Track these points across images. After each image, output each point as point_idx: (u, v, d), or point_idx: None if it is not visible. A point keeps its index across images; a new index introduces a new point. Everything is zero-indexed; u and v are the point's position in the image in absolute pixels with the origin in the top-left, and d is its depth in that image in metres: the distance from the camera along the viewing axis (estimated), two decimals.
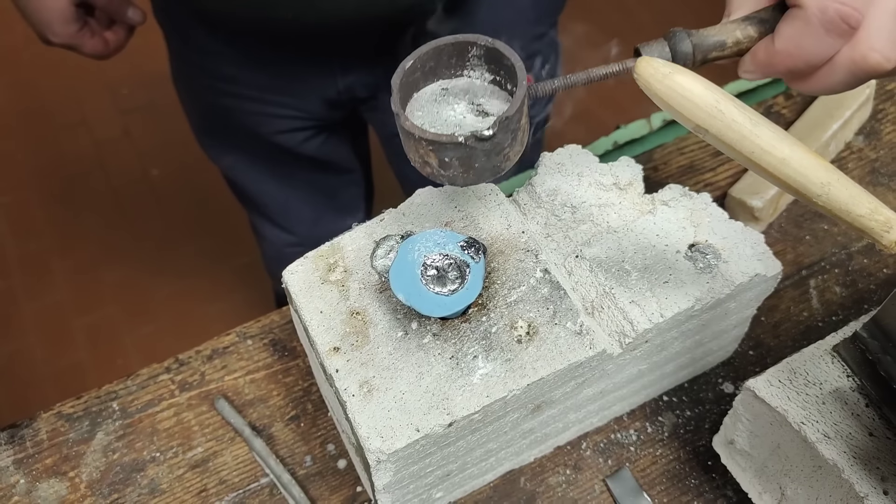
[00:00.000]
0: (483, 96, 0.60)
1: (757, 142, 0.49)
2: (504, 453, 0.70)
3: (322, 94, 1.10)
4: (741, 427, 0.66)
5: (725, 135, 0.49)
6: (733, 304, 0.69)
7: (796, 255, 0.91)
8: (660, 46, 0.57)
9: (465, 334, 0.62)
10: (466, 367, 0.60)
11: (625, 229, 0.68)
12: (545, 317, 0.63)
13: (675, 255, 0.67)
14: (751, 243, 0.68)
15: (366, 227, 0.68)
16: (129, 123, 2.53)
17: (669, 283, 0.65)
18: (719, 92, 0.49)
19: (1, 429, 0.77)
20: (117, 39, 1.06)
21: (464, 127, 0.59)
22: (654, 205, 0.71)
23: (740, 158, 0.50)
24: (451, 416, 0.58)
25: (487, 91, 0.60)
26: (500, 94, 0.60)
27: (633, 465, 0.76)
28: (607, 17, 2.65)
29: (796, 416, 0.59)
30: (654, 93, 0.50)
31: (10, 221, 2.30)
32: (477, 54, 0.59)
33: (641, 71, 0.50)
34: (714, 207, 0.70)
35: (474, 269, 0.61)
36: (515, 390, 0.59)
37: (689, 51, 0.56)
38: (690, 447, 0.77)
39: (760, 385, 0.61)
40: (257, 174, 1.27)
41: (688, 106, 0.49)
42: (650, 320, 0.63)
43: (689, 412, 0.79)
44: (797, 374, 0.62)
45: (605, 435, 0.78)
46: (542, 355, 0.61)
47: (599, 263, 0.66)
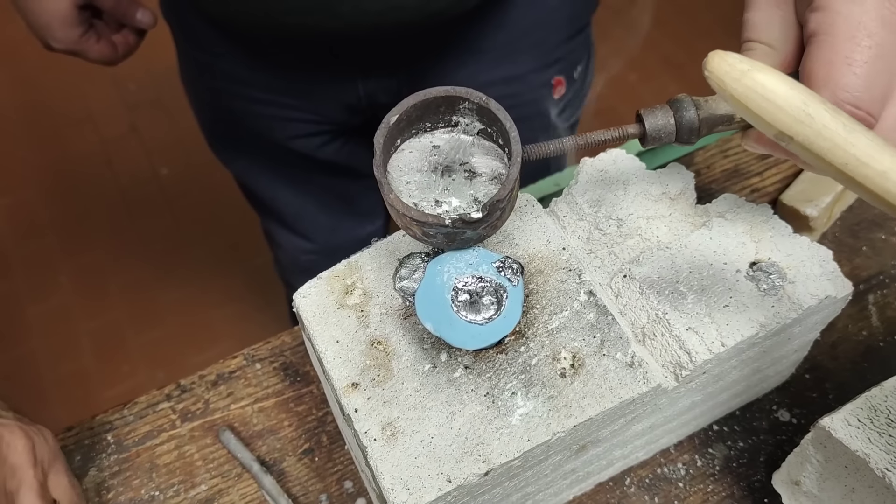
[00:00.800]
0: (472, 155, 0.54)
1: (852, 151, 0.41)
2: (542, 495, 0.63)
3: (342, 99, 1.03)
4: (810, 468, 0.59)
5: (815, 143, 0.41)
6: (798, 328, 0.62)
7: (852, 268, 0.83)
8: (663, 112, 0.52)
9: (502, 367, 0.54)
10: (504, 406, 0.53)
11: (678, 245, 0.61)
12: (592, 346, 0.55)
13: (734, 274, 0.59)
14: (819, 261, 0.60)
15: (387, 244, 0.61)
16: (137, 120, 2.47)
17: (730, 308, 0.57)
18: (807, 93, 0.42)
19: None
20: (126, 44, 0.99)
21: (451, 194, 0.54)
22: (709, 217, 0.63)
23: (830, 171, 0.43)
24: (487, 463, 0.51)
25: (476, 145, 0.54)
26: (489, 149, 0.54)
27: (682, 503, 0.69)
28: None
29: (880, 462, 0.52)
30: (729, 94, 0.42)
31: (12, 222, 2.23)
32: (469, 108, 0.53)
33: (714, 68, 0.42)
34: (776, 220, 0.63)
35: (512, 294, 0.54)
36: (560, 433, 0.52)
37: (694, 119, 0.51)
38: (745, 483, 0.70)
39: (837, 425, 0.54)
40: (270, 179, 1.21)
41: (770, 109, 0.41)
42: (710, 350, 0.56)
43: (741, 443, 0.72)
44: (878, 411, 0.54)
45: (650, 469, 0.70)
46: (590, 391, 0.53)
47: (651, 284, 0.58)
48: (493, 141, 0.53)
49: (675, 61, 2.50)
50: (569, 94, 1.09)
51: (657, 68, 2.49)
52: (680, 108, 0.52)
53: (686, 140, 0.53)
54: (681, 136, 0.52)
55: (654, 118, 0.52)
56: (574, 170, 0.90)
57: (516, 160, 0.50)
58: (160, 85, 2.45)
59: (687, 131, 0.52)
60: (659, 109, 0.52)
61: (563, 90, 1.08)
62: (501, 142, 0.53)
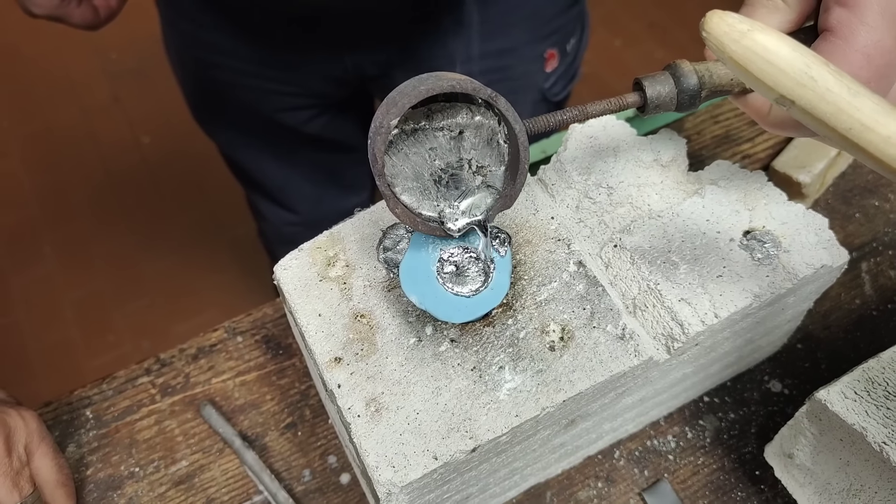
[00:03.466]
0: (472, 148, 0.49)
1: (857, 115, 0.39)
2: (530, 469, 0.61)
3: (329, 72, 1.01)
4: (804, 442, 0.57)
5: (817, 107, 0.40)
6: (792, 298, 0.60)
7: (846, 235, 0.81)
8: (664, 79, 0.50)
9: (489, 340, 0.53)
10: (491, 381, 0.51)
11: (669, 213, 0.59)
12: (581, 319, 0.54)
13: (728, 243, 0.57)
14: (815, 229, 0.59)
15: (370, 214, 0.59)
16: (119, 89, 2.42)
17: (724, 278, 0.56)
18: (810, 55, 0.40)
19: None
20: (108, 7, 0.95)
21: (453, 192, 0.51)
22: (702, 184, 0.62)
23: (833, 136, 0.41)
24: (474, 440, 0.49)
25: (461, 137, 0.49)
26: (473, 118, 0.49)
27: (672, 475, 0.68)
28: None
29: (877, 436, 0.51)
30: (728, 56, 0.40)
31: None
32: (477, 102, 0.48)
33: (712, 28, 0.40)
34: (770, 188, 0.61)
35: (500, 265, 0.52)
36: (549, 408, 0.50)
37: (696, 85, 0.49)
38: (735, 454, 0.69)
39: (834, 398, 0.52)
40: (256, 151, 1.18)
41: (771, 72, 0.39)
42: (703, 321, 0.54)
43: (732, 414, 0.71)
44: (876, 384, 0.53)
45: (640, 442, 0.69)
46: (580, 365, 0.52)
47: (642, 254, 0.57)
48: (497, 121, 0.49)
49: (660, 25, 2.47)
50: (561, 68, 1.07)
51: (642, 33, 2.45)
52: (680, 74, 0.50)
53: (687, 107, 0.51)
54: (682, 103, 0.50)
55: (654, 86, 0.50)
56: (562, 136, 0.88)
57: (524, 169, 0.48)
58: (142, 54, 2.40)
59: (688, 98, 0.50)
60: (659, 76, 0.50)
61: (556, 63, 1.06)
62: (502, 124, 0.49)
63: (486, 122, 0.48)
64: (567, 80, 1.11)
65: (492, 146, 0.49)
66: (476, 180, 0.50)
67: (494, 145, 0.49)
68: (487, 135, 0.48)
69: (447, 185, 0.50)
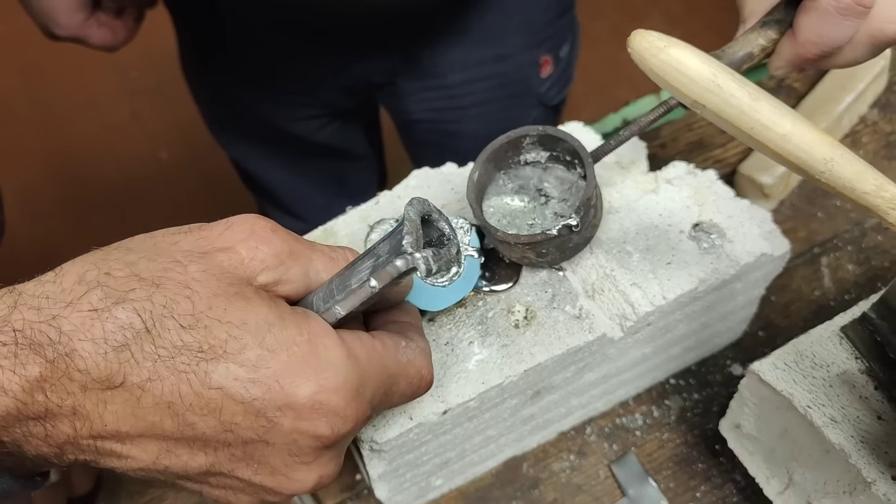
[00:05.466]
0: (542, 180, 0.63)
1: (756, 117, 0.46)
2: (505, 440, 0.68)
3: (338, 81, 1.08)
4: (747, 411, 0.64)
5: (724, 110, 0.47)
6: (739, 284, 0.67)
7: (808, 233, 0.88)
8: None
9: (461, 320, 0.60)
10: (462, 354, 0.58)
11: (627, 209, 0.66)
12: (543, 301, 0.61)
13: (678, 235, 0.64)
14: (757, 222, 0.66)
15: (359, 211, 0.66)
16: (138, 106, 2.52)
17: (672, 265, 0.63)
18: (717, 65, 0.47)
19: None
20: (126, 28, 1.03)
21: (538, 217, 0.62)
22: (658, 183, 0.68)
23: (739, 135, 0.48)
24: (445, 403, 0.56)
25: (548, 170, 0.63)
26: (559, 168, 0.62)
27: (639, 449, 0.74)
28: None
29: (802, 400, 0.57)
30: (648, 67, 0.47)
31: (20, 205, 2.29)
32: (531, 142, 0.61)
33: (635, 45, 0.47)
34: (719, 185, 0.68)
35: (469, 259, 0.59)
36: (512, 377, 0.57)
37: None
38: (698, 431, 0.75)
39: (765, 368, 0.59)
40: (268, 162, 1.25)
41: (684, 81, 0.47)
42: (652, 303, 0.61)
43: (696, 395, 0.77)
44: (804, 356, 0.60)
45: (610, 420, 0.76)
46: (540, 340, 0.59)
47: (600, 244, 0.64)
48: (561, 161, 0.61)
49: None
50: (556, 73, 1.14)
51: None
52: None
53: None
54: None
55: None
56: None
57: (589, 161, 0.57)
58: (161, 73, 2.49)
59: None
60: None
61: (551, 69, 1.12)
62: (569, 158, 0.60)
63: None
64: (562, 85, 1.18)
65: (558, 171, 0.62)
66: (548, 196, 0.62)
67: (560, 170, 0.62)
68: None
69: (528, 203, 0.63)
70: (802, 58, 0.55)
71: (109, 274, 0.41)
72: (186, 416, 0.40)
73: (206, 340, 0.40)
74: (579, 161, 0.59)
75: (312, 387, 0.41)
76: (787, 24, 0.55)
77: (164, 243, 0.44)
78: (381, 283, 0.43)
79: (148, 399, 0.39)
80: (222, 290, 0.41)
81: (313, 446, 0.42)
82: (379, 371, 0.45)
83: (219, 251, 0.43)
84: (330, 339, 0.42)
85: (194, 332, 0.40)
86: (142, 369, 0.39)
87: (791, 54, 0.55)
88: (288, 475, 0.44)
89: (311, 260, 0.46)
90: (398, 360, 0.47)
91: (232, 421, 0.41)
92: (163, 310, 0.40)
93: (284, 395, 0.40)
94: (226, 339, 0.40)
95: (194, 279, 0.41)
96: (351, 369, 0.42)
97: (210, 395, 0.40)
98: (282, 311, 0.42)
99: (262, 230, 0.45)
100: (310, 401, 0.41)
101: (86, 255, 0.43)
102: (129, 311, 0.39)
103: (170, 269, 0.41)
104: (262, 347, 0.41)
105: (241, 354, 0.40)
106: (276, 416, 0.41)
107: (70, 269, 0.41)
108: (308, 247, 0.47)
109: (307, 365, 0.41)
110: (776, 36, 0.55)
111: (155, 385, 0.39)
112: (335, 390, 0.41)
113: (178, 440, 0.41)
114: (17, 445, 0.40)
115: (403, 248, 0.42)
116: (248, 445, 0.42)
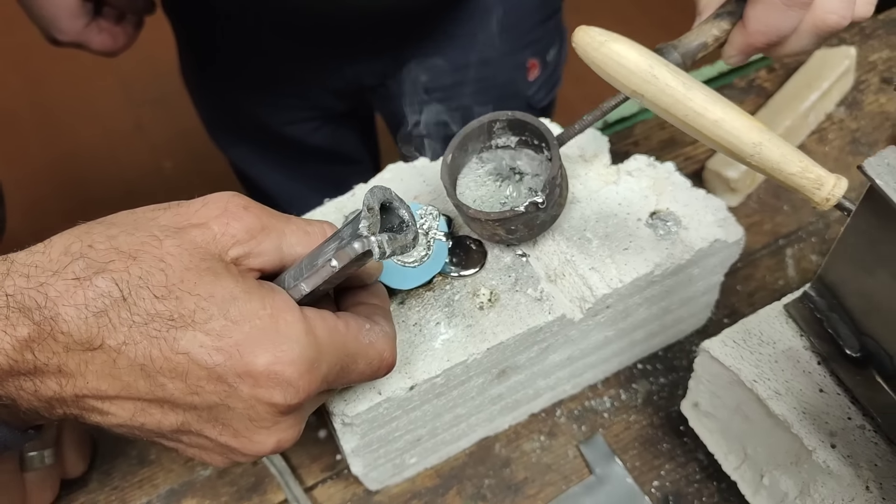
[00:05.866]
0: (515, 160, 0.67)
1: (690, 105, 0.50)
2: (475, 419, 0.72)
3: (330, 83, 1.12)
4: (702, 388, 0.68)
5: (660, 99, 0.51)
6: (696, 270, 0.70)
7: (774, 225, 0.92)
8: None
9: (429, 302, 0.64)
10: (429, 334, 0.62)
11: (588, 199, 0.70)
12: (507, 284, 0.65)
13: (636, 222, 0.68)
14: (712, 210, 0.69)
15: (336, 203, 0.70)
16: (142, 116, 2.57)
17: (629, 250, 0.66)
18: (654, 58, 0.51)
19: None
20: (126, 34, 1.06)
21: (512, 194, 0.66)
22: (619, 175, 0.72)
23: (676, 122, 0.52)
24: (412, 379, 0.60)
25: (518, 153, 0.67)
26: (528, 152, 0.67)
27: (607, 430, 0.78)
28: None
29: (748, 375, 0.61)
30: (591, 60, 0.51)
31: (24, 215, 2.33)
32: (501, 126, 0.65)
33: (579, 40, 0.51)
34: (677, 176, 0.72)
35: (438, 242, 0.63)
36: (476, 354, 0.61)
37: (679, 60, 0.60)
38: (663, 413, 0.79)
39: (715, 345, 0.63)
40: (266, 165, 1.29)
41: (623, 72, 0.51)
42: (609, 285, 0.65)
43: (662, 379, 0.81)
44: (751, 334, 0.63)
45: (579, 402, 0.79)
46: (503, 321, 0.63)
47: (562, 232, 0.68)
48: (530, 146, 0.66)
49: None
50: (543, 76, 1.17)
51: None
52: (665, 54, 0.61)
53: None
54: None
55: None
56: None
57: (555, 143, 0.61)
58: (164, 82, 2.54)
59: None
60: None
61: (538, 72, 1.16)
62: (536, 142, 0.65)
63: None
64: (549, 88, 1.22)
65: (528, 155, 0.67)
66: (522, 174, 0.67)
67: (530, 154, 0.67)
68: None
69: (500, 183, 0.67)
70: (752, 46, 0.60)
71: (92, 246, 0.45)
72: (157, 377, 0.44)
73: (177, 310, 0.44)
74: (546, 144, 0.63)
75: (269, 357, 0.45)
76: (739, 15, 0.60)
77: (144, 219, 0.48)
78: (340, 263, 0.47)
79: (123, 360, 0.43)
80: (194, 265, 0.45)
81: (270, 412, 0.47)
82: (337, 349, 0.49)
83: (193, 227, 0.47)
84: (291, 315, 0.46)
85: (166, 302, 0.44)
86: (118, 333, 0.43)
87: (742, 43, 0.60)
88: (249, 437, 0.48)
89: (285, 234, 0.50)
90: (359, 341, 0.51)
91: (197, 384, 0.45)
92: (139, 280, 0.44)
93: (244, 364, 0.45)
94: (194, 309, 0.44)
95: (169, 253, 0.45)
96: (308, 345, 0.46)
97: (178, 359, 0.44)
98: (248, 285, 0.46)
99: (234, 207, 0.49)
100: (266, 370, 0.45)
101: (72, 229, 0.47)
102: (108, 281, 0.43)
103: (147, 243, 0.45)
104: (227, 318, 0.45)
105: (207, 324, 0.44)
106: (235, 382, 0.45)
107: (57, 241, 0.45)
108: (282, 221, 0.51)
109: (266, 337, 0.45)
110: (728, 27, 0.61)
111: (129, 348, 0.43)
112: (290, 362, 0.45)
113: (151, 400, 0.46)
114: (11, 399, 0.44)
115: (359, 231, 0.46)
116: (213, 409, 0.46)
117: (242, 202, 0.49)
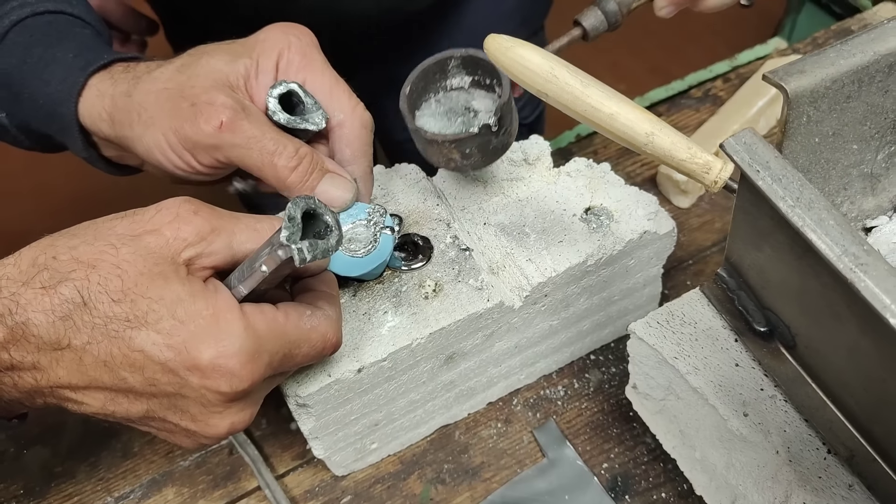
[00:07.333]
0: (469, 101, 0.73)
1: (587, 101, 0.56)
2: (432, 405, 0.77)
3: None
4: (637, 370, 0.73)
5: (561, 97, 0.56)
6: (632, 261, 0.76)
7: (724, 224, 0.97)
8: (593, 11, 0.72)
9: (378, 294, 0.70)
10: (377, 322, 0.68)
11: (529, 199, 0.76)
12: (450, 276, 0.70)
13: (571, 218, 0.74)
14: (643, 205, 0.75)
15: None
16: None
17: (564, 243, 0.72)
18: (555, 60, 0.57)
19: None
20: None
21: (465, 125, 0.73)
22: (560, 176, 0.78)
23: (578, 117, 0.57)
24: (360, 362, 0.66)
25: (471, 94, 0.74)
26: (480, 93, 0.73)
27: (560, 417, 0.83)
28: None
29: (670, 352, 0.66)
30: (500, 64, 0.57)
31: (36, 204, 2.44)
32: (455, 64, 0.72)
33: (488, 46, 0.57)
34: (612, 175, 0.77)
35: (384, 236, 0.69)
36: (419, 339, 0.67)
37: (616, 9, 0.70)
38: (614, 400, 0.84)
39: (639, 327, 0.68)
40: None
41: (528, 73, 0.57)
42: (543, 274, 0.70)
43: (614, 369, 0.86)
44: (674, 315, 0.68)
45: (535, 391, 0.85)
46: (445, 308, 0.68)
47: (503, 229, 0.73)
48: (482, 86, 0.73)
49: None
50: (528, 93, 1.22)
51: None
52: (603, 3, 0.70)
53: (615, 26, 0.73)
54: (610, 24, 0.72)
55: (587, 18, 0.72)
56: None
57: (506, 77, 0.67)
58: None
59: (613, 18, 0.72)
60: (589, 11, 0.72)
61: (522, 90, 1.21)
62: (489, 81, 0.72)
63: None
64: (535, 104, 1.28)
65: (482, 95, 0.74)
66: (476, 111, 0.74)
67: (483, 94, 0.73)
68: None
69: (454, 119, 0.73)
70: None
71: (55, 258, 0.51)
72: (119, 371, 0.51)
73: (132, 312, 0.50)
74: (497, 81, 0.70)
75: (212, 352, 0.51)
76: None
77: (103, 228, 0.54)
78: (269, 268, 0.52)
79: (88, 358, 0.50)
80: (147, 270, 0.51)
81: (219, 399, 0.53)
82: (277, 338, 0.55)
83: (147, 234, 0.53)
84: (231, 314, 0.52)
85: (122, 305, 0.50)
86: (82, 334, 0.50)
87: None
88: (206, 421, 0.55)
89: (234, 233, 0.56)
90: (300, 328, 0.57)
91: (153, 377, 0.51)
92: (98, 286, 0.50)
93: (191, 358, 0.51)
94: (146, 311, 0.51)
95: (125, 260, 0.51)
96: (247, 338, 0.52)
97: (134, 356, 0.50)
98: (194, 288, 0.52)
99: (185, 212, 0.55)
100: (210, 363, 0.51)
101: (39, 242, 0.53)
102: (71, 289, 0.50)
103: (105, 251, 0.52)
104: (175, 318, 0.51)
105: (158, 324, 0.51)
106: (185, 374, 0.51)
107: (26, 254, 0.52)
108: (231, 221, 0.57)
109: (209, 334, 0.51)
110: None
111: (93, 347, 0.50)
112: (231, 355, 0.51)
113: (117, 391, 0.52)
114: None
115: (280, 240, 0.52)
116: (170, 397, 0.53)
117: (193, 207, 0.55)
